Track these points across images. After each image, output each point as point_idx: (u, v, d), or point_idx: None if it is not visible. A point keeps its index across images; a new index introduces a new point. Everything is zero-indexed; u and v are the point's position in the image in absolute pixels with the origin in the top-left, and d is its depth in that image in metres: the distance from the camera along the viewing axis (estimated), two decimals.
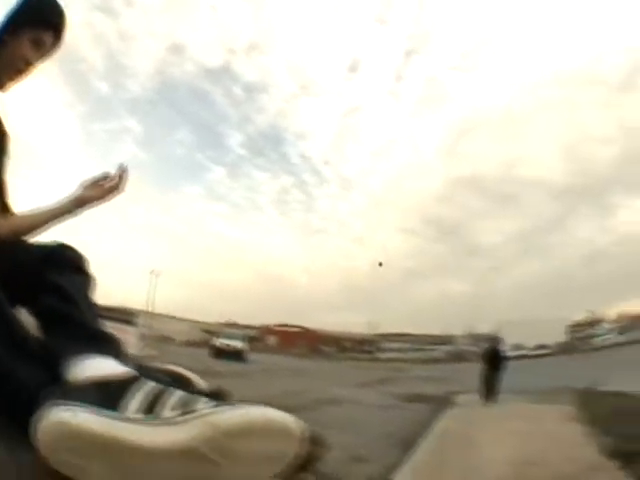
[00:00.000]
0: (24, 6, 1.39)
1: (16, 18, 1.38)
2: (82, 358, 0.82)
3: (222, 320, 74.43)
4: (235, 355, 25.40)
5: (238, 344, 26.96)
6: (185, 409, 0.71)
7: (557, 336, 63.49)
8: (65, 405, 0.69)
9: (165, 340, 34.60)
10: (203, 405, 0.71)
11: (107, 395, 0.73)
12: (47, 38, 1.42)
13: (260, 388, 12.70)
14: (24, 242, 1.26)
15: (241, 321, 76.56)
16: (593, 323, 72.73)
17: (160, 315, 55.38)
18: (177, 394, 0.75)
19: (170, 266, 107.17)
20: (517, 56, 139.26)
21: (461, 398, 12.96)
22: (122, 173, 1.47)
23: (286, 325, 73.78)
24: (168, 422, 0.69)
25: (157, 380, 0.80)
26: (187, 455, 0.67)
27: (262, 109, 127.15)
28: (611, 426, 6.48)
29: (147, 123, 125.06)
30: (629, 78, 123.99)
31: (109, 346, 0.90)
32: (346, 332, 78.18)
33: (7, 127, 1.52)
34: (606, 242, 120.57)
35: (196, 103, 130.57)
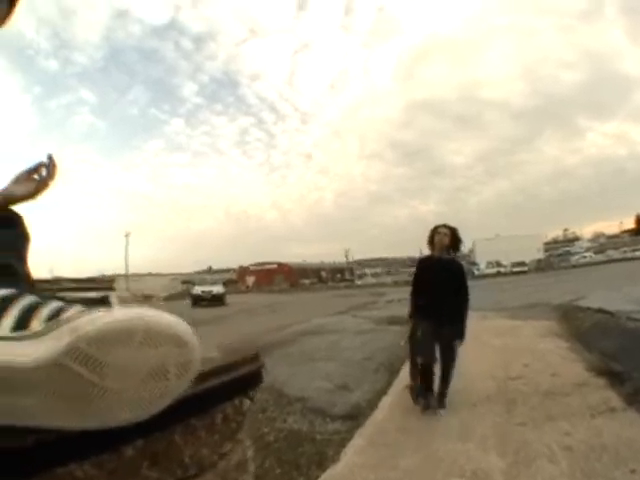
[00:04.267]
0: None
1: None
2: None
3: (200, 269, 74.45)
4: (214, 300, 25.63)
5: (215, 289, 27.07)
6: (55, 317, 0.60)
7: (533, 254, 64.31)
8: None
9: (147, 299, 34.49)
10: (70, 313, 0.60)
11: None
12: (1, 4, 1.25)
13: (240, 329, 12.81)
14: None
15: (219, 266, 76.69)
16: (568, 241, 74.49)
17: (139, 275, 55.12)
18: (53, 305, 0.64)
19: (141, 224, 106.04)
20: None
21: None
22: (51, 164, 1.29)
23: (263, 263, 74.12)
24: (33, 335, 0.58)
25: (46, 298, 0.68)
26: (54, 371, 0.56)
27: (213, 57, 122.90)
28: (594, 342, 6.51)
29: (100, 92, 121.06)
30: (590, 7, 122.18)
31: (14, 275, 0.82)
32: (322, 263, 79.20)
33: None
34: (574, 163, 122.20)
35: (146, 62, 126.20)
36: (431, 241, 4.49)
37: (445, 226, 4.47)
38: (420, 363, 4.27)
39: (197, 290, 27.18)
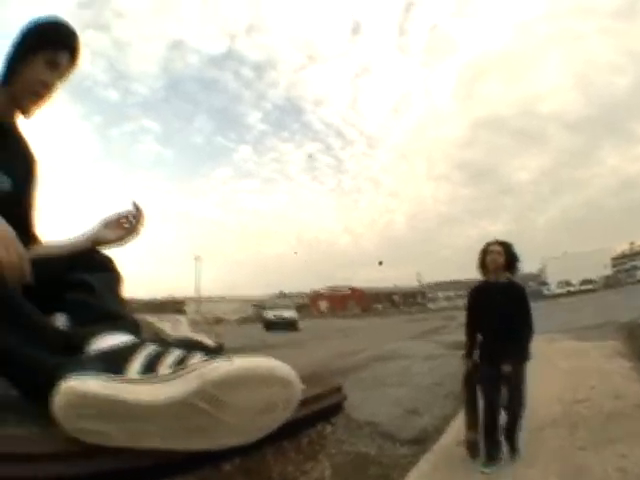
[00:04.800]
0: (36, 29, 1.42)
1: (29, 41, 1.40)
2: (98, 337, 0.90)
3: (272, 292, 75.66)
4: (286, 325, 25.82)
5: (288, 314, 27.36)
6: (180, 366, 0.77)
7: (601, 270, 62.43)
8: (73, 375, 0.76)
9: (218, 321, 35.44)
10: (195, 360, 0.77)
11: (113, 362, 0.79)
12: (62, 59, 1.44)
13: (313, 353, 12.88)
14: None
15: (291, 290, 77.57)
16: (635, 255, 70.54)
17: (210, 298, 56.68)
18: (175, 353, 0.81)
19: (212, 249, 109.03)
20: None
21: None
22: (139, 213, 1.44)
23: (335, 288, 74.26)
24: (163, 379, 0.75)
25: (166, 343, 0.87)
26: (182, 408, 0.73)
27: (274, 84, 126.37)
28: None
29: (163, 120, 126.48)
30: (627, 4, 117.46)
31: (124, 324, 0.97)
32: (395, 287, 78.37)
33: (36, 153, 1.58)
34: (636, 171, 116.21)
35: (207, 91, 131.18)
36: (483, 264, 3.73)
37: (497, 243, 3.73)
38: (483, 413, 3.55)
39: (269, 314, 27.58)
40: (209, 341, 1.06)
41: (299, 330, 25.39)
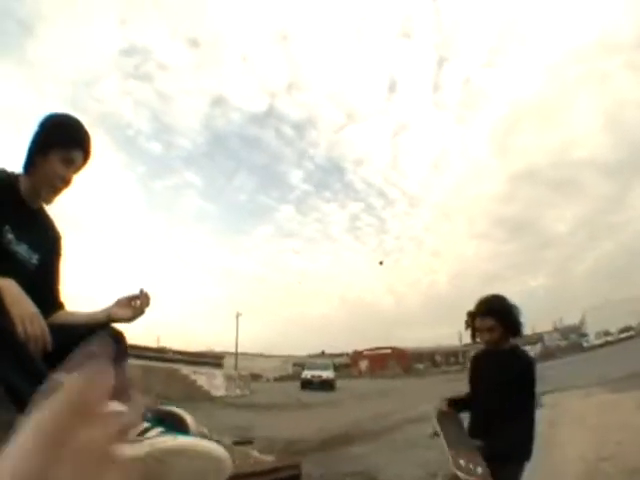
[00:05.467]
0: (51, 129, 1.61)
1: (45, 138, 1.60)
2: None
3: (313, 352, 74.86)
4: (323, 385, 25.51)
5: (325, 373, 27.07)
6: (143, 435, 1.07)
7: None
8: None
9: (255, 378, 35.21)
10: (154, 433, 1.08)
11: None
12: (76, 156, 1.63)
13: (348, 413, 12.68)
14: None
15: (332, 350, 76.65)
16: None
17: (249, 354, 56.49)
18: (141, 425, 1.10)
19: (253, 305, 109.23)
20: (537, 41, 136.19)
21: (547, 399, 12.60)
22: (144, 297, 1.65)
23: (377, 348, 73.08)
24: (131, 441, 1.02)
25: (145, 417, 1.17)
26: (140, 462, 1.01)
27: (315, 143, 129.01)
28: None
29: (205, 175, 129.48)
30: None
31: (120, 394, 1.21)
32: (437, 346, 76.53)
33: (59, 229, 1.83)
34: None
35: (249, 148, 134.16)
36: (474, 335, 2.86)
37: (486, 312, 2.71)
38: None
39: (307, 374, 27.39)
40: (191, 421, 1.31)
41: (335, 390, 24.97)
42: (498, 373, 2.65)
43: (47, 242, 1.72)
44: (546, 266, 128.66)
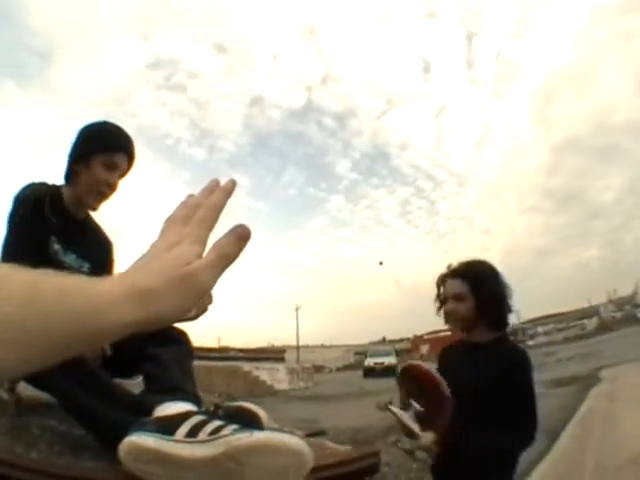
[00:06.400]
0: (91, 136, 1.62)
1: (86, 148, 1.60)
2: (162, 405, 1.14)
3: (374, 339, 74.72)
4: (386, 371, 25.46)
5: (387, 360, 27.02)
6: (215, 434, 1.00)
7: None
8: (136, 433, 1.05)
9: (318, 370, 35.53)
10: (227, 431, 0.99)
11: (168, 426, 1.04)
12: (120, 160, 1.62)
13: None
14: None
15: (393, 336, 76.27)
16: None
17: (310, 346, 56.91)
18: (214, 423, 1.04)
19: (311, 298, 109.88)
20: (559, 6, 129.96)
21: (605, 373, 12.54)
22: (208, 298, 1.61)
23: (437, 331, 72.10)
24: (200, 441, 1.00)
25: (213, 415, 1.11)
26: (212, 463, 0.97)
27: (358, 132, 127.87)
28: None
29: (252, 174, 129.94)
30: None
31: (185, 396, 1.20)
32: None
33: (108, 236, 1.85)
34: None
35: (293, 144, 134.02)
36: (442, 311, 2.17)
37: (455, 271, 2.08)
38: None
39: (369, 362, 27.50)
40: (257, 409, 1.21)
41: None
42: (480, 374, 1.92)
43: (97, 250, 1.74)
44: (597, 237, 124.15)
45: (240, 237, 0.46)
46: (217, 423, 1.03)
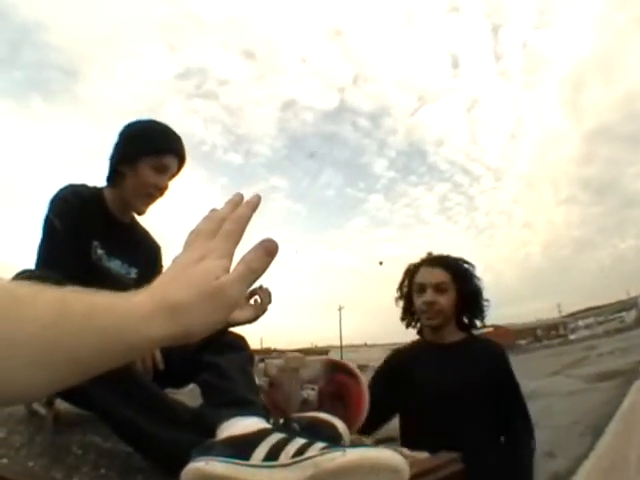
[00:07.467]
0: (137, 136, 1.51)
1: (131, 149, 1.49)
2: (228, 421, 0.98)
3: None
4: None
5: None
6: (299, 455, 0.84)
7: None
8: (203, 458, 0.87)
9: (362, 369, 36.48)
10: (314, 451, 0.83)
11: (241, 448, 0.88)
12: (170, 162, 1.51)
13: None
14: None
15: None
16: None
17: (353, 346, 57.17)
18: (297, 442, 0.87)
19: (354, 298, 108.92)
20: None
21: None
22: (266, 292, 1.45)
23: (479, 328, 71.34)
24: (283, 465, 0.83)
25: (292, 431, 0.97)
26: None
27: (393, 130, 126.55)
28: None
29: (290, 177, 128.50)
30: None
31: (253, 409, 1.04)
32: (537, 320, 74.60)
33: (156, 240, 1.74)
34: None
35: (328, 145, 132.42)
36: (407, 311, 2.04)
37: (434, 260, 1.99)
38: None
39: None
40: (334, 419, 1.10)
41: None
42: (459, 377, 1.80)
43: (145, 255, 1.64)
44: (633, 226, 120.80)
45: (268, 251, 0.46)
46: (300, 442, 0.87)
